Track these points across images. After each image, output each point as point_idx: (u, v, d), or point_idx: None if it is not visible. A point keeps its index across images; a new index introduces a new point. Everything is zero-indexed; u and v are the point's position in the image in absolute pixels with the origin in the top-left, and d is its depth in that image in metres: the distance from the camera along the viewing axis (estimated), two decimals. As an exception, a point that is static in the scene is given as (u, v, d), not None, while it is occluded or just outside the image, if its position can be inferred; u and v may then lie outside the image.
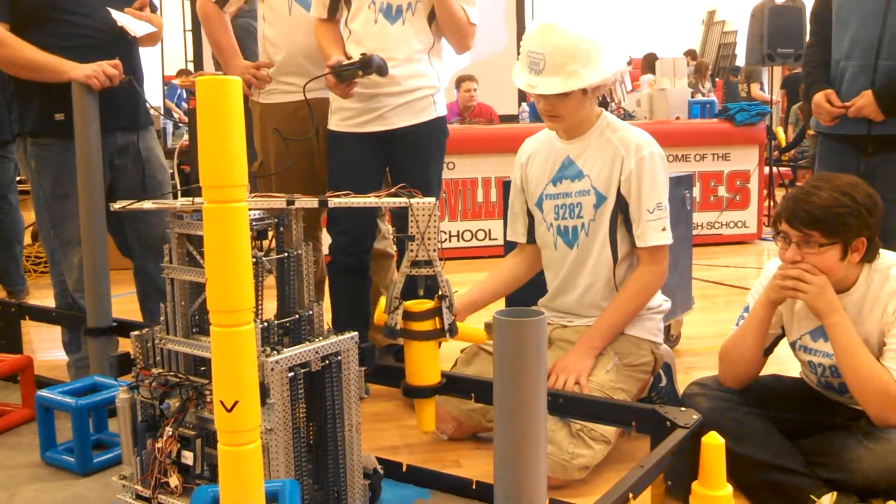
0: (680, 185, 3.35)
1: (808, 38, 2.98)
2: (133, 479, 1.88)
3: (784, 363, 2.54)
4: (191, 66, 6.57)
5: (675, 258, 3.24)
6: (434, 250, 1.96)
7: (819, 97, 2.80)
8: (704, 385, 2.21)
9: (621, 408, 2.05)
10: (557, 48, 2.29)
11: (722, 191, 6.12)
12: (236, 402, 1.45)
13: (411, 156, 2.79)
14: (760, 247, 6.16)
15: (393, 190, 1.95)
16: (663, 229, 2.38)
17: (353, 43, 2.72)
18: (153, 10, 2.97)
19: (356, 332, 1.86)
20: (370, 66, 2.53)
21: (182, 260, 1.89)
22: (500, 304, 2.69)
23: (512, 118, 7.61)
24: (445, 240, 5.58)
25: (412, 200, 1.91)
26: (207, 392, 1.77)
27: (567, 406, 2.07)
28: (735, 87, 12.36)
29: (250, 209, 1.86)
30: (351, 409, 1.86)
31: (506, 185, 3.75)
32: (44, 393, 2.21)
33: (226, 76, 1.54)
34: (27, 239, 5.33)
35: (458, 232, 5.73)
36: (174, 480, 1.79)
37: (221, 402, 1.45)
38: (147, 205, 1.95)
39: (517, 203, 2.64)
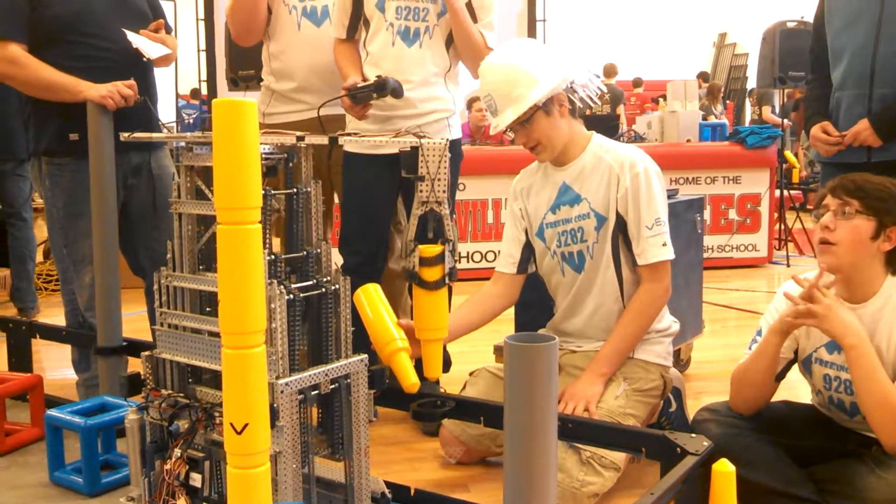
0: (690, 208, 3.35)
1: (807, 75, 3.05)
2: (141, 501, 1.88)
3: (795, 389, 2.53)
4: (204, 87, 6.63)
5: (686, 282, 3.24)
6: (443, 192, 1.97)
7: (815, 129, 2.87)
8: (715, 411, 2.20)
9: (631, 433, 2.04)
10: (497, 83, 2.36)
11: (732, 214, 6.10)
12: (246, 425, 1.45)
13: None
14: (771, 270, 6.14)
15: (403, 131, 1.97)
16: (664, 244, 2.37)
17: (370, 64, 2.75)
18: (168, 31, 3.00)
19: (366, 355, 1.86)
20: (384, 88, 2.55)
21: (190, 194, 1.89)
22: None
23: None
24: (455, 260, 5.58)
25: (423, 140, 1.92)
26: (217, 414, 1.77)
27: (576, 431, 2.07)
28: (742, 109, 12.40)
29: (260, 143, 1.87)
30: (360, 432, 1.85)
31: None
32: (53, 412, 2.22)
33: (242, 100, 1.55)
34: (39, 257, 5.35)
35: (469, 253, 5.74)
36: (182, 502, 1.78)
37: (231, 425, 1.45)
38: (158, 136, 1.98)
39: (512, 231, 2.60)
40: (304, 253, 1.89)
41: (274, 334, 1.70)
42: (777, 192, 6.45)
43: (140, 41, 2.83)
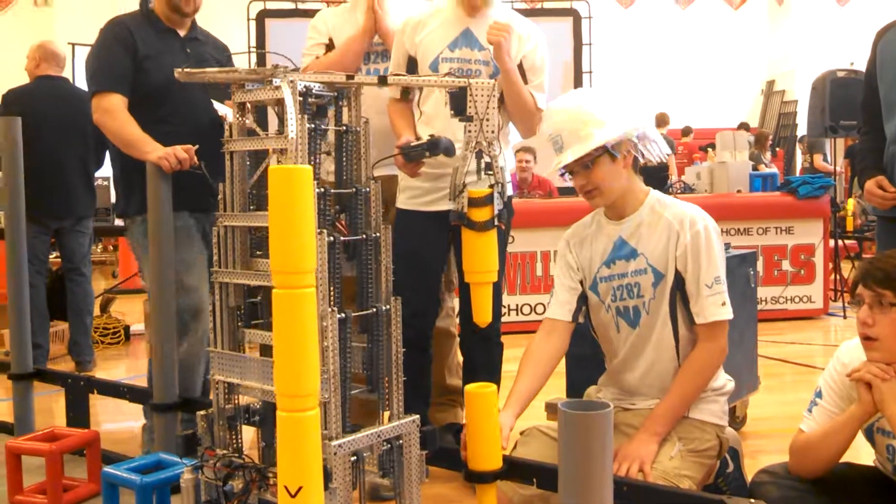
0: (744, 263, 3.31)
1: (859, 128, 3.02)
2: (195, 560, 1.89)
3: (857, 449, 2.45)
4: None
5: (741, 337, 3.19)
6: (491, 132, 1.94)
7: (870, 184, 2.83)
8: (774, 473, 2.15)
9: (688, 497, 2.00)
10: (566, 121, 2.33)
11: (786, 265, 6.00)
12: (300, 488, 1.46)
13: None
14: (827, 322, 6.01)
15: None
16: (723, 304, 2.32)
17: (423, 124, 2.80)
18: None
19: (418, 416, 1.86)
20: (437, 147, 2.58)
21: (242, 132, 1.93)
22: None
23: (571, 191, 7.60)
24: (505, 313, 5.57)
25: (471, 80, 1.92)
26: (271, 475, 1.78)
27: (631, 495, 2.02)
28: (793, 157, 12.27)
29: (311, 82, 1.92)
30: (412, 492, 1.85)
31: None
32: (110, 469, 2.25)
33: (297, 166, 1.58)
34: (96, 310, 5.46)
35: (518, 306, 5.72)
36: (236, 563, 1.79)
37: (286, 488, 1.45)
38: (211, 74, 2.03)
39: (566, 281, 2.54)
40: (354, 190, 1.92)
41: (325, 353, 1.72)
42: (831, 242, 6.34)
43: (225, 109, 3.01)
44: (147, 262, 2.96)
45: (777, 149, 13.31)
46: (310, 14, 7.60)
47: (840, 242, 6.75)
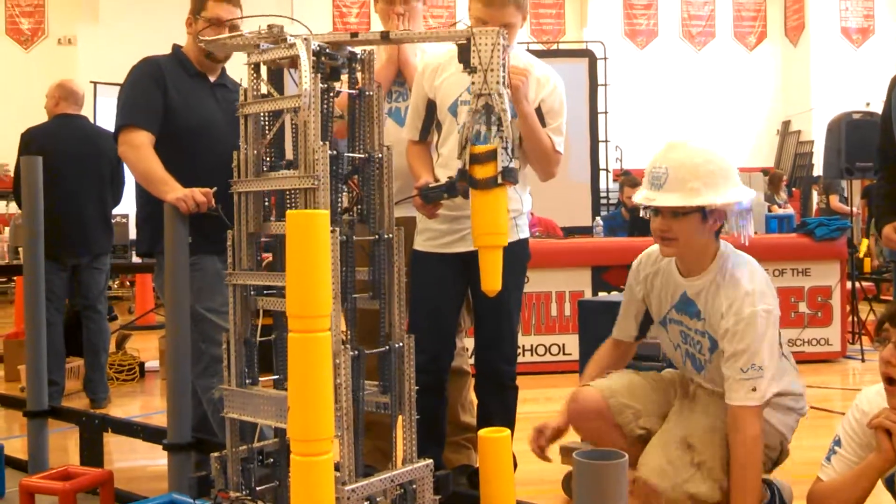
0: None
1: (875, 172, 3.04)
2: None
3: (878, 496, 2.42)
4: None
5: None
6: (497, 83, 1.91)
7: (888, 229, 2.87)
8: (792, 521, 2.12)
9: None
10: (681, 164, 2.30)
11: (803, 307, 5.96)
12: (313, 534, 1.45)
13: None
14: (845, 365, 5.94)
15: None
16: (753, 389, 2.25)
17: (441, 166, 2.81)
18: None
19: (431, 461, 1.85)
20: (455, 189, 2.59)
21: (256, 94, 1.95)
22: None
23: (585, 230, 7.60)
24: (520, 354, 5.53)
25: (474, 30, 1.90)
26: (284, 518, 1.78)
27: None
28: (809, 198, 12.24)
29: (320, 42, 1.92)
30: (425, 538, 1.84)
31: (580, 303, 3.77)
32: (123, 510, 2.25)
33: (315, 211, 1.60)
34: (111, 347, 5.48)
35: (532, 346, 5.69)
36: None
37: (299, 534, 1.45)
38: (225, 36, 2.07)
39: (632, 310, 2.61)
40: (367, 155, 1.93)
41: (338, 391, 1.71)
42: (848, 284, 6.29)
43: None
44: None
45: (793, 189, 13.29)
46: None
47: (857, 284, 6.70)
